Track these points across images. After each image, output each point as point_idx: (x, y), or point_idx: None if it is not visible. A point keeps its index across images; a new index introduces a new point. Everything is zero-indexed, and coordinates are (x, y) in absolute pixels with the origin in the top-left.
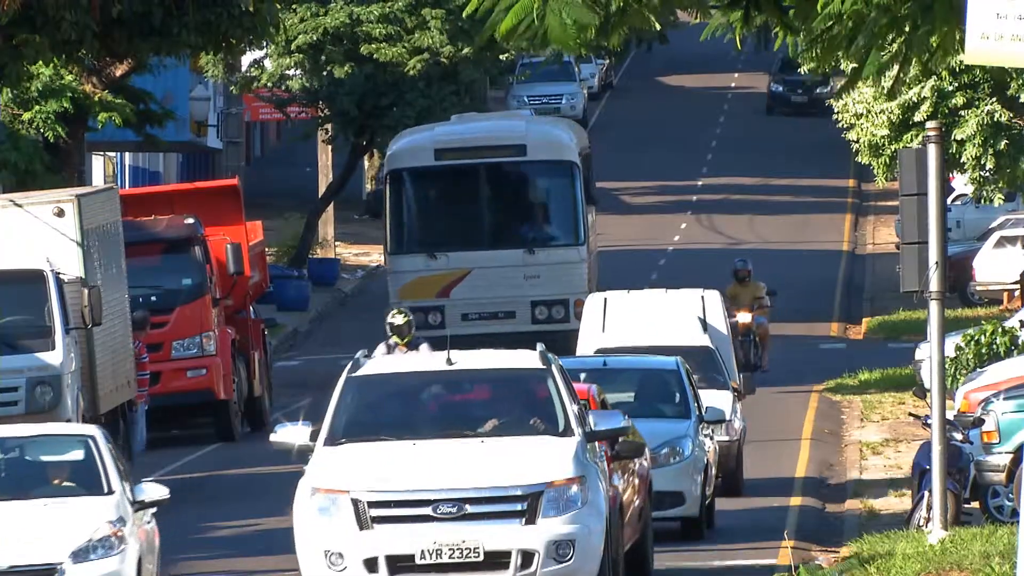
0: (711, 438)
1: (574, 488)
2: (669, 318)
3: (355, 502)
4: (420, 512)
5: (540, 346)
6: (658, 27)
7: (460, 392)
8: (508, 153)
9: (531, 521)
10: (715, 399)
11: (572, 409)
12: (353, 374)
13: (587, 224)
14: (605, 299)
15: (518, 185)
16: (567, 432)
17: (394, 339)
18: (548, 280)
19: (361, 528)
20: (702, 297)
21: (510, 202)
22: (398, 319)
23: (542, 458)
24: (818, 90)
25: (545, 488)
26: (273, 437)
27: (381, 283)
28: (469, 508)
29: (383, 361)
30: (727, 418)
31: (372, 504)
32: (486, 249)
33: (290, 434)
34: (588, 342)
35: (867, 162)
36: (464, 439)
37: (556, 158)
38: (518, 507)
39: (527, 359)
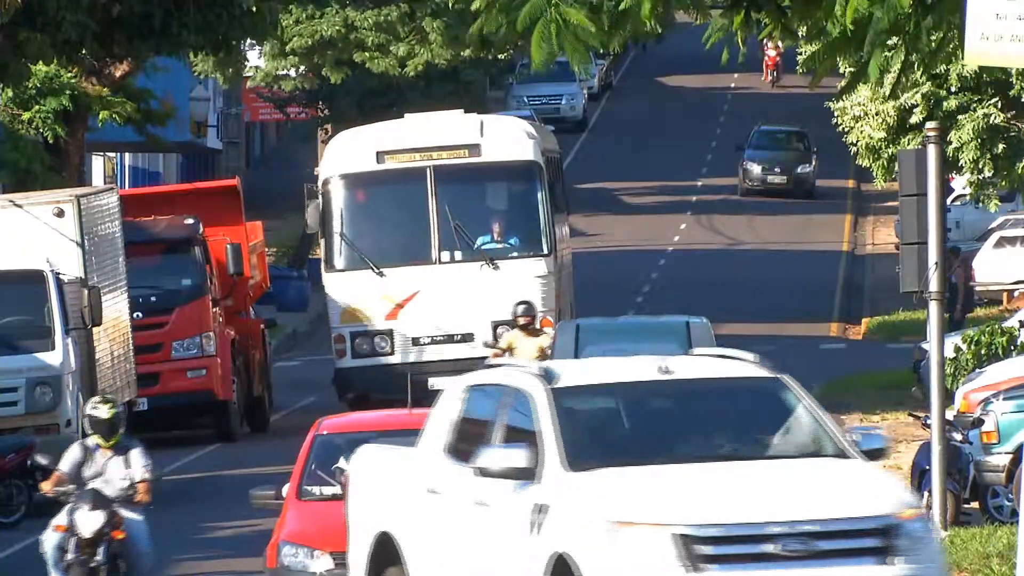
0: None
1: (920, 522)
2: (651, 348)
3: (680, 537)
4: (761, 549)
5: (749, 355)
6: (660, 30)
7: (692, 406)
8: (460, 153)
9: (886, 561)
10: None
11: (832, 424)
12: (556, 386)
13: (554, 233)
14: (577, 326)
15: (473, 190)
16: (843, 453)
17: (95, 439)
18: (510, 297)
19: (693, 570)
20: (687, 323)
21: (464, 209)
22: (102, 411)
23: (866, 486)
24: (799, 168)
25: (897, 521)
26: (484, 462)
27: None
28: (820, 544)
29: (581, 369)
30: None
31: (703, 540)
32: (438, 263)
33: (504, 458)
34: None
35: (866, 164)
36: (747, 461)
37: (515, 158)
38: (874, 543)
39: (745, 368)
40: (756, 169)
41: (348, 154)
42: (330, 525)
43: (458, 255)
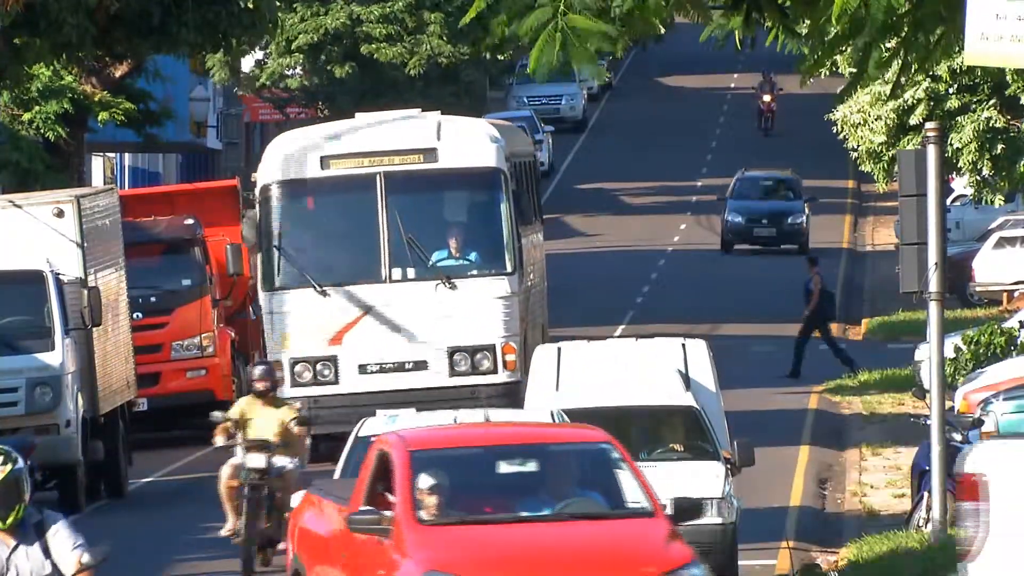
0: None
1: None
2: (641, 373)
3: None
4: None
5: None
6: (662, 30)
7: None
8: (414, 159)
9: None
10: (701, 472)
11: None
12: None
13: (519, 248)
14: (559, 350)
15: (428, 199)
16: None
17: None
18: (469, 320)
19: None
20: (683, 345)
21: (418, 221)
22: None
23: None
24: (790, 219)
25: None
26: None
27: None
28: None
29: None
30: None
31: None
32: (388, 282)
33: None
34: (537, 404)
35: (868, 169)
36: None
37: (476, 165)
38: None
39: None
40: (740, 221)
41: (289, 158)
42: (478, 550)
43: (411, 273)
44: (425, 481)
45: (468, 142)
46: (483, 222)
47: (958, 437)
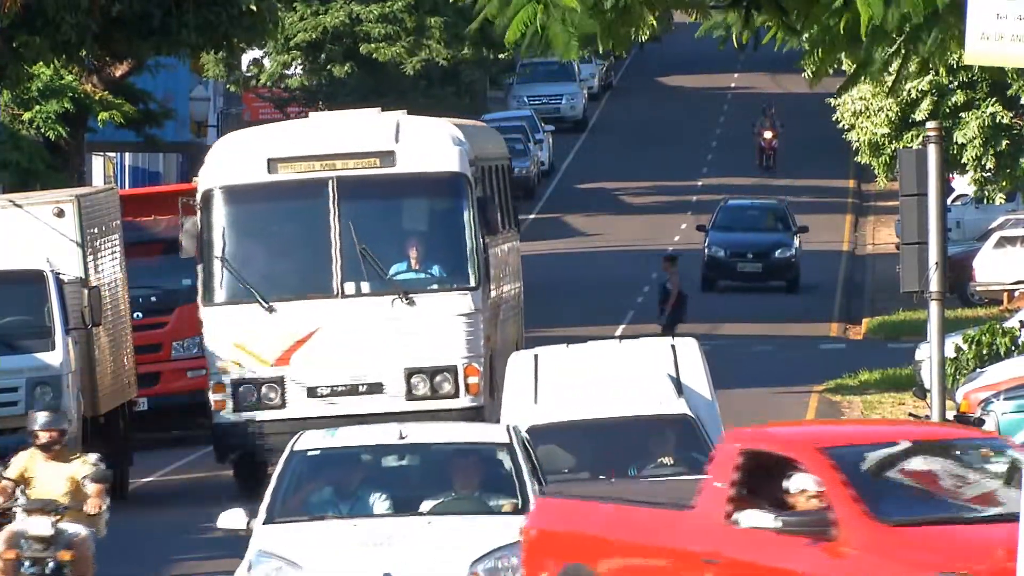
0: None
1: None
2: (629, 379)
3: None
4: None
5: None
6: (657, 28)
7: None
8: (371, 163)
9: None
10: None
11: None
12: None
13: (484, 261)
14: (535, 357)
15: (385, 207)
16: None
17: None
18: (428, 339)
19: None
20: (672, 347)
21: (374, 231)
22: None
23: None
24: (778, 253)
25: None
26: None
27: None
28: None
29: None
30: None
31: None
32: (340, 296)
33: None
34: (514, 418)
35: (867, 161)
36: None
37: (437, 169)
38: None
39: None
40: (722, 256)
41: (233, 161)
42: (988, 554)
43: (365, 287)
44: (800, 482)
45: (429, 145)
46: (445, 232)
47: None
